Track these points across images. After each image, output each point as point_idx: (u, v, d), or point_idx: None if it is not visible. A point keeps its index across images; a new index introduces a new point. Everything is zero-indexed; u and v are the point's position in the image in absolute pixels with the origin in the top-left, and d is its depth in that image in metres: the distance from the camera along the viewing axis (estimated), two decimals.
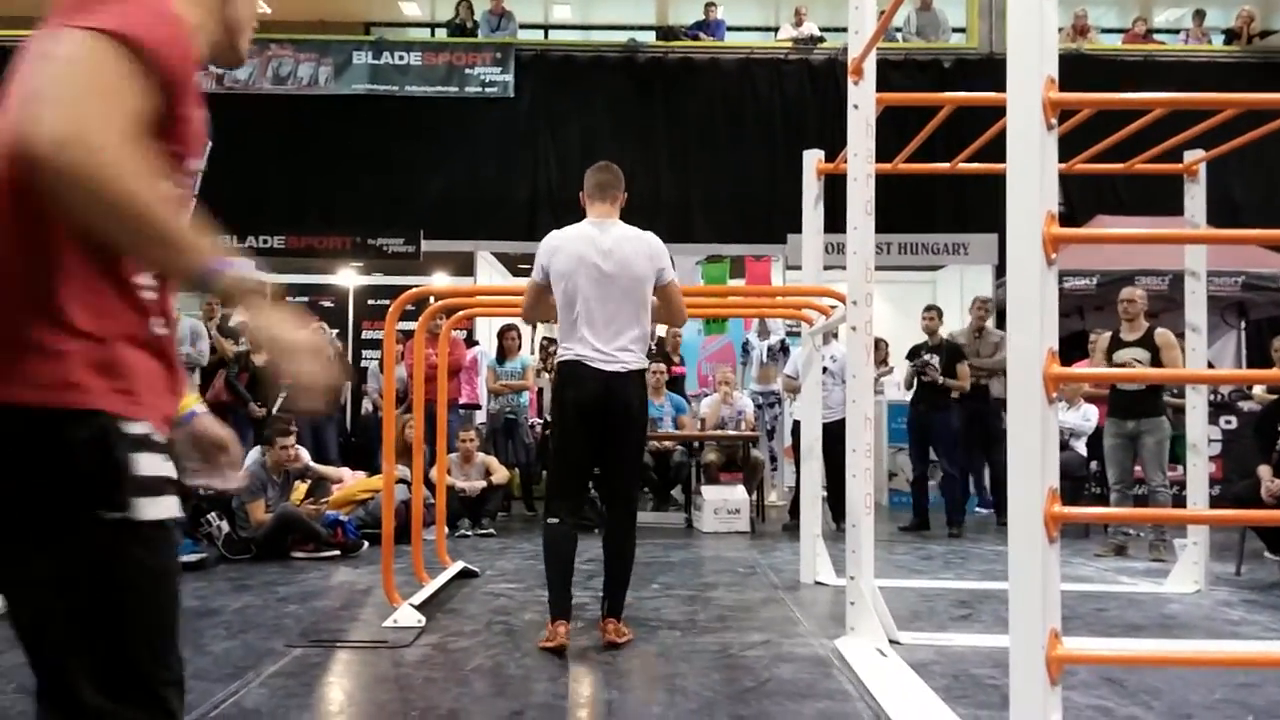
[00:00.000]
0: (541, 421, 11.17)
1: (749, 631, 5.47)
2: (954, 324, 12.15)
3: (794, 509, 9.27)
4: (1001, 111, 2.95)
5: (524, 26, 15.63)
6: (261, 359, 10.15)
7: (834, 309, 6.63)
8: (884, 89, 5.58)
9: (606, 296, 4.96)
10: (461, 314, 7.68)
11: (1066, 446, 9.89)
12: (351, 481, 9.13)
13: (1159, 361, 7.99)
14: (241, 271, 1.65)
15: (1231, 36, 15.24)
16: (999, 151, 2.99)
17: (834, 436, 7.56)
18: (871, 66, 5.26)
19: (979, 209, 13.07)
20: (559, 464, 5.22)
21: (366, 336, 14.14)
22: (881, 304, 9.59)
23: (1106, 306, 8.96)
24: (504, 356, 11.17)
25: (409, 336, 8.49)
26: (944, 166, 7.46)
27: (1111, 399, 8.59)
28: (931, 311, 10.30)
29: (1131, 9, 17.13)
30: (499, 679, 4.48)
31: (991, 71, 12.68)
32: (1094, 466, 10.05)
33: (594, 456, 5.15)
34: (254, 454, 8.40)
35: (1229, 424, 11.21)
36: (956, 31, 15.51)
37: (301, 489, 8.82)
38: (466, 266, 14.58)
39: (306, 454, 9.15)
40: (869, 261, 5.35)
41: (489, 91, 14.40)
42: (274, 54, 14.27)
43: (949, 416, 10.06)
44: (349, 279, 14.25)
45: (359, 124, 13.97)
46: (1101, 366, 8.46)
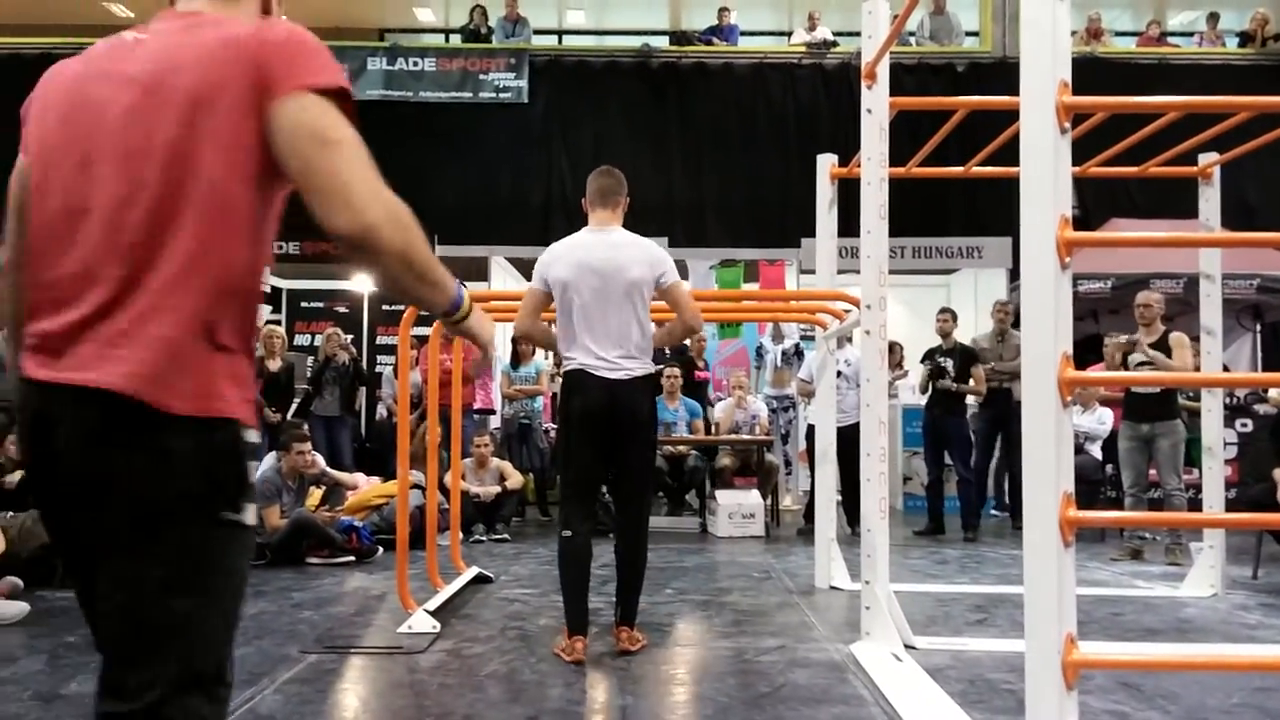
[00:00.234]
0: (555, 427, 11.18)
1: (764, 637, 5.46)
2: (968, 327, 12.13)
3: (809, 513, 9.27)
4: (1015, 115, 2.94)
5: (538, 32, 15.65)
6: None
7: (848, 313, 6.62)
8: (897, 93, 5.58)
9: (607, 304, 4.94)
10: None
11: (1082, 450, 9.86)
12: (366, 487, 9.15)
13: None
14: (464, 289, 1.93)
15: (1246, 39, 15.16)
16: (1013, 155, 2.99)
17: (848, 440, 7.54)
18: (885, 71, 5.27)
19: (993, 212, 13.04)
20: (569, 474, 5.17)
21: (381, 342, 14.19)
22: (896, 308, 9.63)
23: (1121, 310, 8.94)
24: (518, 361, 11.20)
25: (423, 342, 8.52)
26: (958, 170, 7.45)
27: (1126, 402, 8.57)
28: (946, 314, 10.28)
29: (1145, 12, 17.11)
30: (514, 684, 4.48)
31: (1005, 75, 12.64)
32: (1109, 470, 10.02)
33: (604, 464, 5.13)
34: (269, 459, 8.42)
35: (1245, 427, 11.18)
36: (970, 35, 15.49)
37: (316, 494, 8.86)
38: (481, 272, 14.61)
39: (322, 459, 9.19)
40: (883, 265, 5.35)
41: (503, 97, 14.40)
42: None
43: (964, 420, 10.08)
44: (364, 284, 14.27)
45: (373, 130, 13.55)
46: (1117, 370, 8.44)
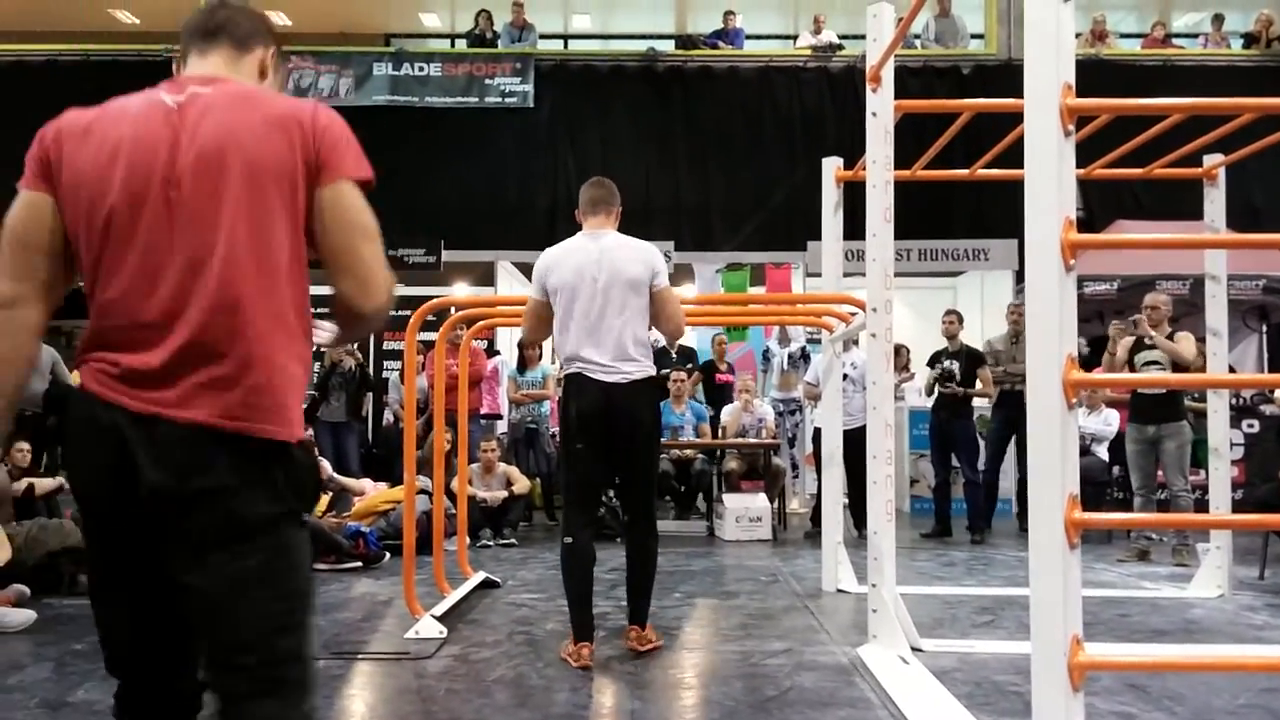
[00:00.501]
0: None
1: (771, 640, 5.47)
2: (974, 329, 12.12)
3: (815, 516, 9.25)
4: (1020, 117, 2.95)
5: (543, 36, 15.66)
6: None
7: (854, 316, 6.62)
8: (902, 96, 5.59)
9: (604, 306, 4.92)
10: (482, 324, 7.71)
11: (1088, 452, 9.85)
12: (373, 493, 9.16)
13: (1180, 368, 7.98)
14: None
15: (1250, 40, 15.14)
16: (1018, 157, 2.99)
17: (855, 443, 7.54)
18: (890, 74, 5.27)
19: (999, 215, 13.01)
20: (570, 479, 5.15)
21: (388, 347, 14.18)
22: (902, 310, 9.63)
23: (1127, 311, 8.92)
24: (525, 366, 11.20)
25: (430, 347, 8.55)
26: (963, 173, 7.46)
27: (1132, 404, 8.56)
28: (951, 316, 10.28)
29: (1150, 14, 17.08)
30: (521, 689, 4.49)
31: (1010, 77, 12.61)
32: (1116, 472, 10.01)
33: (605, 469, 5.12)
34: None
35: (1251, 428, 11.16)
36: (975, 38, 15.48)
37: (323, 500, 8.87)
38: (487, 277, 14.62)
39: (328, 465, 9.21)
40: (888, 268, 5.36)
41: (509, 101, 14.41)
42: (295, 66, 14.33)
43: (970, 423, 10.08)
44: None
45: (379, 135, 13.94)
46: (1121, 363, 8.43)
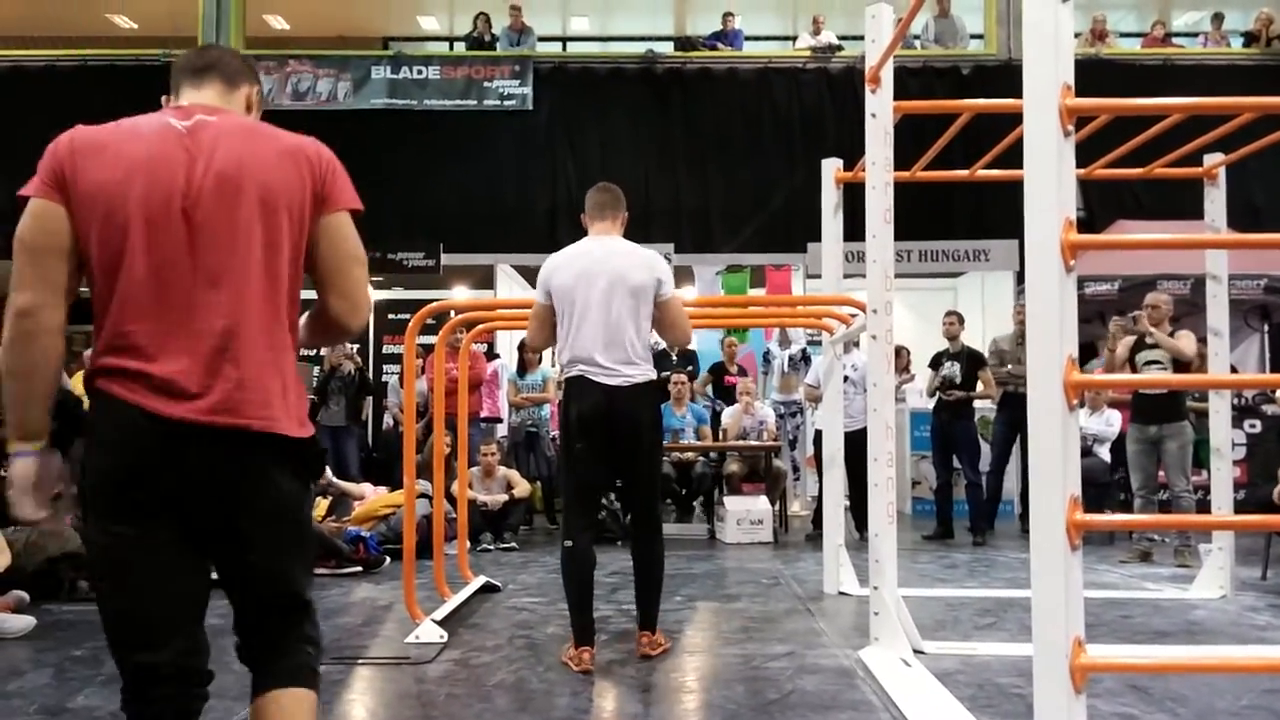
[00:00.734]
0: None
1: (772, 643, 5.46)
2: (974, 329, 12.12)
3: (817, 519, 9.24)
4: (1020, 118, 2.94)
5: (542, 39, 15.64)
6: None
7: (854, 317, 6.61)
8: (902, 97, 5.58)
9: (607, 310, 4.93)
10: (482, 327, 7.70)
11: (1090, 452, 9.84)
12: (373, 497, 9.15)
13: (1181, 368, 7.97)
14: None
15: (1250, 39, 15.13)
16: (1019, 158, 2.98)
17: (856, 445, 7.53)
18: (889, 75, 5.26)
19: (999, 215, 13.00)
20: (570, 483, 5.16)
21: (387, 351, 14.21)
22: (902, 312, 9.62)
23: (1128, 311, 8.91)
24: (525, 369, 11.20)
25: (429, 351, 8.53)
26: (963, 174, 7.45)
27: (1134, 404, 8.55)
28: (951, 317, 10.26)
29: (1150, 13, 17.07)
30: (522, 694, 4.48)
31: (1010, 78, 12.60)
32: (1119, 473, 9.99)
33: (606, 471, 5.15)
34: None
35: (1253, 428, 11.14)
36: (975, 38, 15.48)
37: (323, 505, 8.87)
38: (487, 280, 14.62)
39: (328, 470, 9.19)
40: (889, 269, 5.35)
41: (507, 104, 14.42)
42: (293, 70, 14.35)
43: (971, 424, 10.07)
44: (369, 293, 14.26)
45: (378, 138, 13.99)
46: (1122, 362, 8.42)
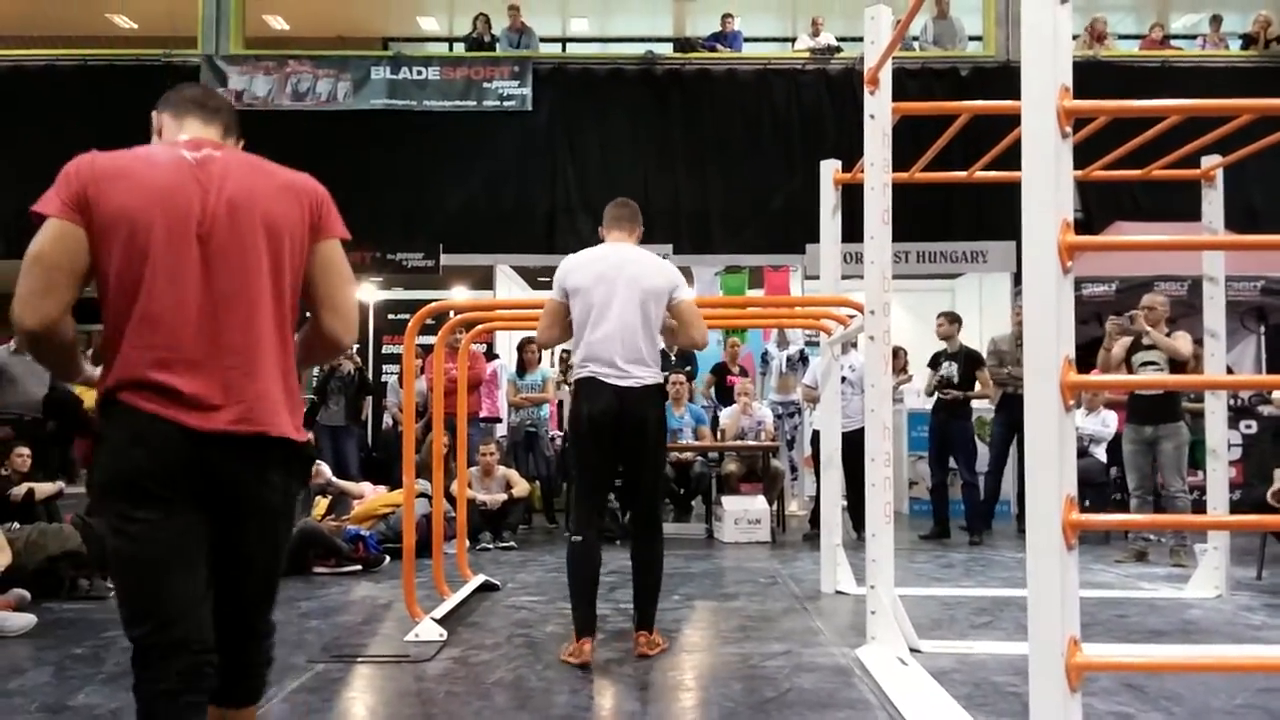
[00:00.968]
0: (562, 434, 11.18)
1: (770, 641, 5.48)
2: (972, 330, 12.12)
3: (814, 519, 9.25)
4: (1019, 119, 2.95)
5: (542, 40, 15.64)
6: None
7: (852, 318, 6.62)
8: (901, 98, 5.60)
9: (621, 312, 5.01)
10: (481, 328, 7.71)
11: (1086, 453, 9.85)
12: (372, 496, 9.15)
13: (1177, 368, 7.99)
14: None
15: (1249, 41, 15.14)
16: (1017, 159, 2.99)
17: (853, 446, 7.54)
18: (888, 76, 5.28)
19: (997, 217, 13.03)
20: (578, 480, 5.27)
21: (386, 351, 14.22)
22: (900, 313, 9.61)
23: (1125, 312, 8.92)
24: (524, 369, 11.20)
25: (429, 351, 8.54)
26: (961, 175, 7.46)
27: (1130, 405, 8.57)
28: (942, 318, 10.26)
29: (1148, 15, 17.08)
30: (521, 692, 4.49)
31: (1008, 79, 12.64)
32: (1114, 473, 10.00)
33: (613, 471, 5.28)
34: None
35: (1249, 429, 11.15)
36: (973, 40, 15.48)
37: (323, 504, 8.88)
38: (486, 280, 14.64)
39: (327, 469, 9.21)
40: (887, 270, 5.36)
41: (507, 105, 14.41)
42: (293, 70, 14.34)
43: (968, 424, 10.08)
44: (369, 294, 14.29)
45: (378, 139, 14.01)
46: (1118, 362, 8.43)
